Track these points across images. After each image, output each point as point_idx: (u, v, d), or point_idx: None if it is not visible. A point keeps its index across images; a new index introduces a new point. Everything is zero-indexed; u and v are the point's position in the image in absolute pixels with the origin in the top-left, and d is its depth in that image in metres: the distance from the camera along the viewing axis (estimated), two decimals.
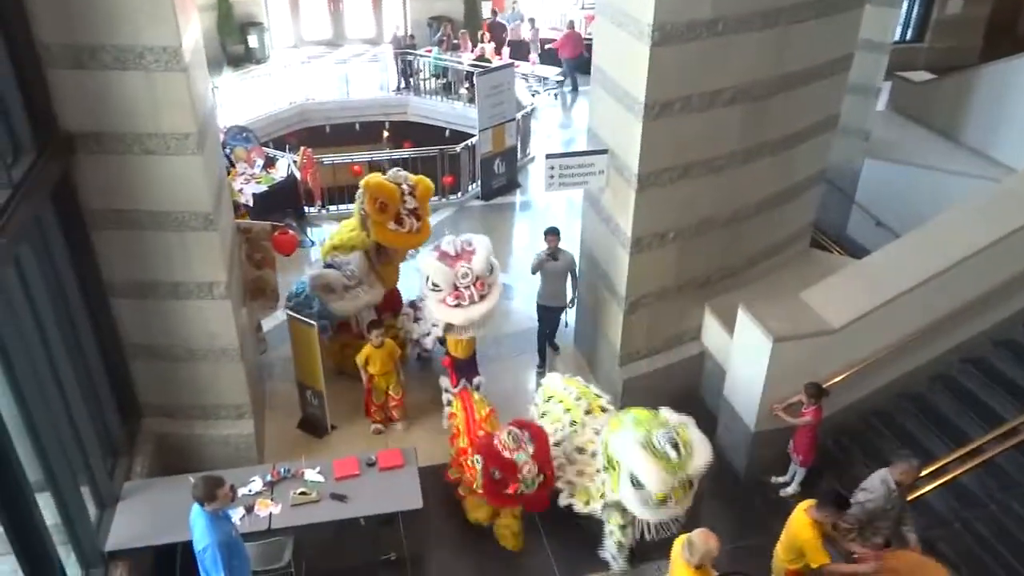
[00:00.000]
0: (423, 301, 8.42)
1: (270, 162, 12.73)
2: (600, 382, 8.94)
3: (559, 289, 9.02)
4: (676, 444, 5.94)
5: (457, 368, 8.31)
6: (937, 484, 6.98)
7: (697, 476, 6.10)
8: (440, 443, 8.11)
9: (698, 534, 5.28)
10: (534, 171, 14.38)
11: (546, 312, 9.24)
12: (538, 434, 6.61)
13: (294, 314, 8.19)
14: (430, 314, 8.19)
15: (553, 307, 9.19)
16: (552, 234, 8.79)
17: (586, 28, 19.83)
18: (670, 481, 5.91)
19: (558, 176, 8.12)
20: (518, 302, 10.32)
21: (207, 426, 7.57)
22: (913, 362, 8.12)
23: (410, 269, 9.33)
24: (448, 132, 16.80)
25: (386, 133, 17.67)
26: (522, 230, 13.13)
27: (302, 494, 6.61)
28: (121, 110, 6.06)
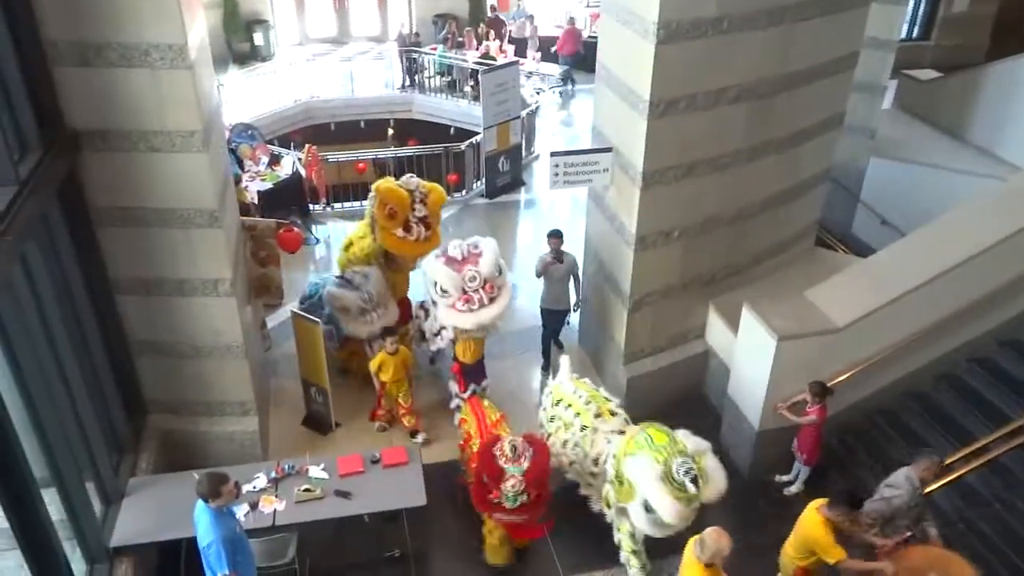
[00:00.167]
0: (433, 305, 8.22)
1: (275, 160, 12.80)
2: (604, 380, 8.95)
3: (563, 292, 8.97)
4: (696, 478, 5.77)
5: (465, 373, 8.17)
6: (942, 483, 6.94)
7: (709, 502, 5.98)
8: (444, 441, 8.17)
9: (710, 533, 5.28)
10: (538, 169, 14.37)
11: (550, 316, 9.19)
12: (540, 454, 6.40)
13: (299, 311, 8.21)
14: (441, 319, 8.00)
15: (557, 310, 9.13)
16: (555, 236, 8.72)
17: (591, 26, 19.85)
18: (686, 512, 5.81)
19: (562, 174, 8.11)
20: (522, 299, 10.32)
21: (212, 423, 7.59)
22: (918, 361, 8.10)
23: (417, 276, 9.06)
24: (453, 130, 16.79)
25: (391, 131, 17.67)
26: (526, 228, 13.12)
27: (306, 491, 6.62)
28: (127, 107, 6.08)
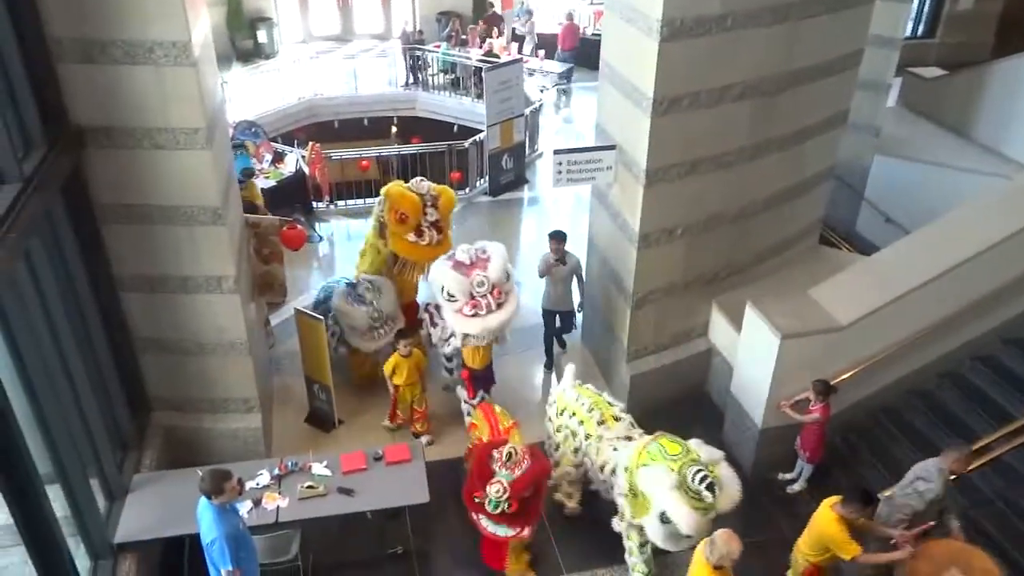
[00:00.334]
0: (439, 308, 8.10)
1: (279, 157, 12.81)
2: (607, 378, 8.97)
3: (565, 293, 8.92)
4: (712, 485, 5.70)
5: (474, 379, 8.00)
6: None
7: (724, 512, 5.92)
8: (448, 438, 8.20)
9: (721, 535, 5.29)
10: (542, 166, 14.36)
11: (552, 317, 9.15)
12: (534, 469, 6.26)
13: (302, 309, 8.22)
14: (448, 325, 7.86)
15: (559, 311, 9.09)
16: (556, 238, 8.62)
17: (595, 23, 19.84)
18: (703, 522, 5.70)
19: (566, 172, 8.09)
20: (524, 297, 10.25)
21: (215, 420, 7.60)
22: (922, 359, 8.09)
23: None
24: (456, 128, 16.78)
25: (394, 128, 17.68)
26: (530, 226, 13.11)
27: (309, 488, 6.63)
28: (131, 105, 6.09)
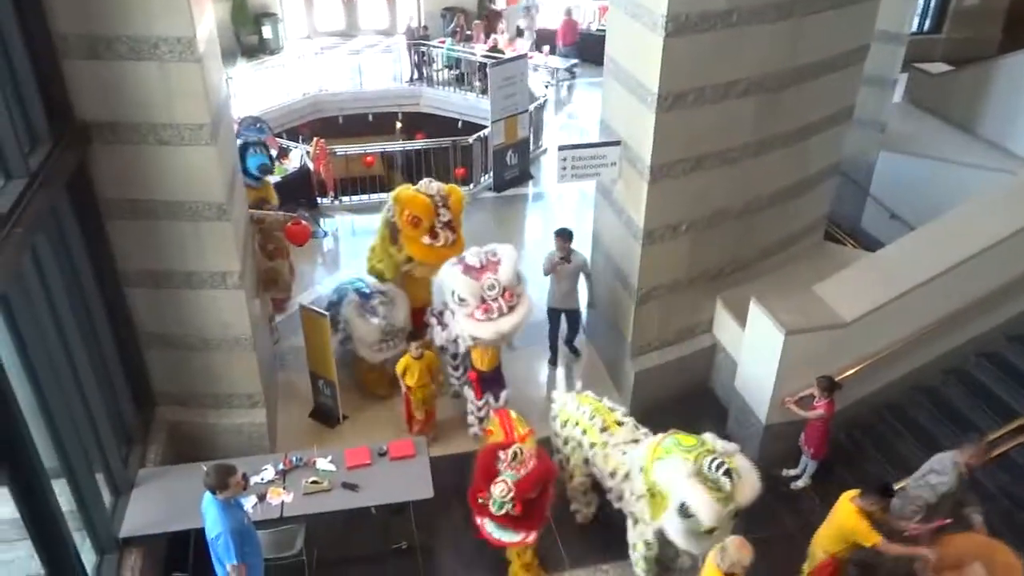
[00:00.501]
0: (444, 312, 8.03)
1: (283, 153, 12.81)
2: (612, 375, 8.97)
3: (570, 291, 8.82)
4: (729, 472, 5.66)
5: (482, 381, 7.92)
6: None
7: (745, 506, 5.85)
8: (452, 433, 8.21)
9: (733, 541, 5.30)
10: (546, 162, 14.35)
11: (557, 315, 9.06)
12: (539, 469, 6.14)
13: (307, 305, 8.23)
14: (459, 329, 7.67)
15: (563, 309, 8.99)
16: (561, 236, 8.53)
17: (599, 18, 19.79)
18: (722, 512, 5.62)
19: (570, 168, 8.08)
20: (530, 292, 10.29)
21: (220, 415, 7.63)
22: (926, 356, 8.08)
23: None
24: (461, 123, 16.76)
25: (399, 124, 17.68)
26: (534, 222, 13.11)
27: (314, 483, 6.65)
28: (136, 100, 6.10)
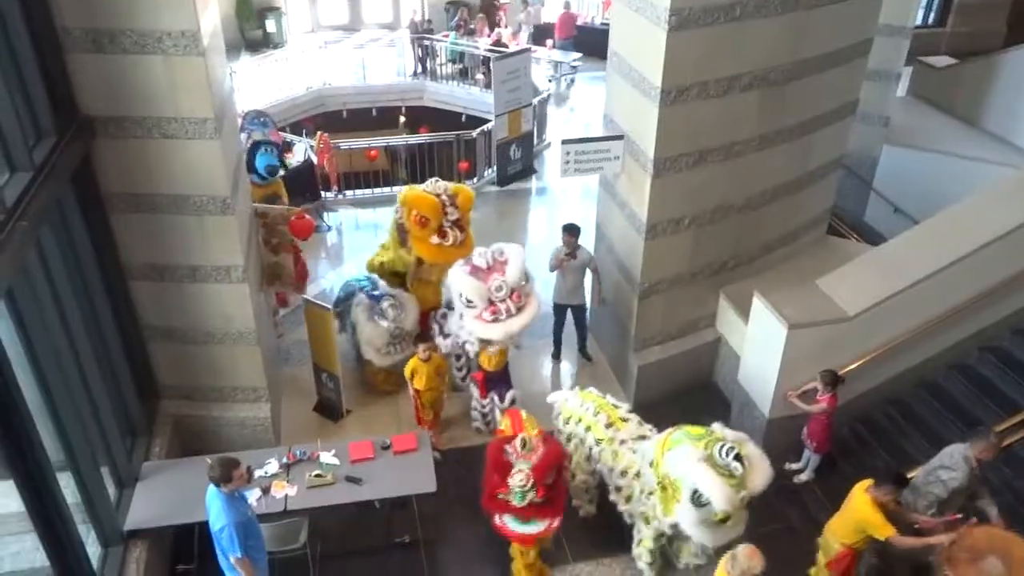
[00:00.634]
0: (446, 317, 8.06)
1: (287, 147, 12.79)
2: (615, 368, 8.98)
3: (576, 287, 8.73)
4: (739, 456, 5.68)
5: (487, 381, 7.88)
6: None
7: (757, 494, 5.86)
8: (455, 427, 8.24)
9: (743, 549, 5.31)
10: (550, 157, 14.34)
11: (562, 311, 8.99)
12: (551, 452, 6.18)
13: (310, 298, 8.25)
14: (466, 331, 7.66)
15: (570, 305, 8.92)
16: (569, 232, 8.44)
17: (603, 12, 19.75)
18: (735, 498, 5.61)
19: (574, 162, 8.08)
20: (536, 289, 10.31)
21: (224, 408, 7.65)
22: (930, 350, 8.07)
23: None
24: (464, 117, 16.74)
25: (402, 118, 17.66)
26: (538, 216, 13.10)
27: (318, 476, 6.68)
28: (140, 94, 6.10)
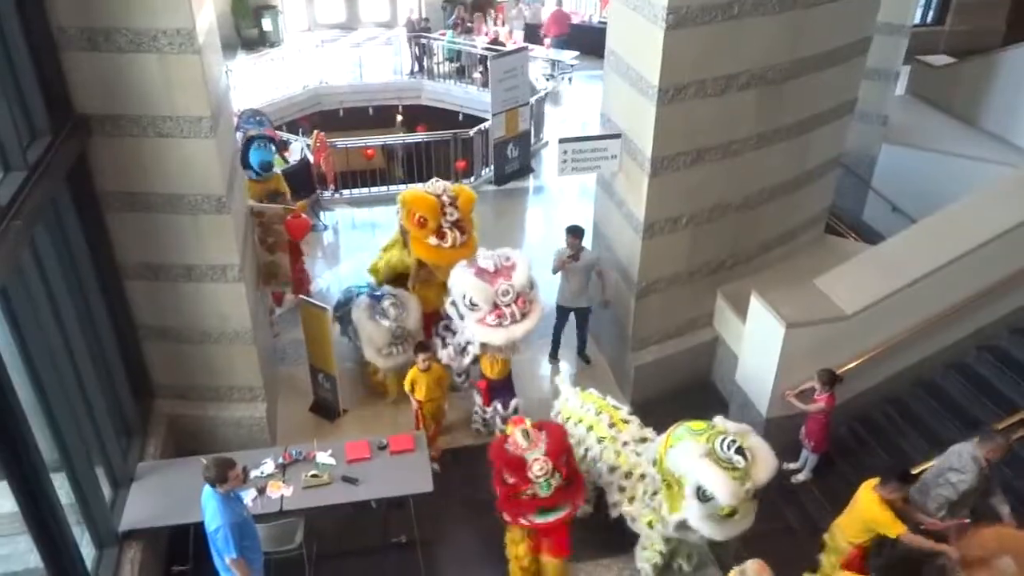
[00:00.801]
0: (449, 328, 7.98)
1: (283, 146, 12.76)
2: (613, 368, 8.97)
3: (580, 289, 8.63)
4: (741, 449, 5.64)
5: (491, 389, 7.80)
6: None
7: (762, 486, 5.78)
8: (453, 428, 8.21)
9: (752, 564, 5.26)
10: (547, 155, 14.31)
11: (565, 313, 8.92)
12: (554, 433, 6.15)
13: (307, 298, 8.23)
14: (468, 335, 7.55)
15: (573, 307, 8.82)
16: (573, 233, 8.35)
17: (600, 10, 19.73)
18: (739, 491, 5.55)
19: (571, 160, 8.07)
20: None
21: (220, 408, 7.63)
22: (928, 349, 8.06)
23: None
24: (461, 116, 16.73)
25: (399, 117, 17.65)
26: (535, 215, 13.09)
27: (314, 476, 6.65)
28: (136, 93, 6.08)
